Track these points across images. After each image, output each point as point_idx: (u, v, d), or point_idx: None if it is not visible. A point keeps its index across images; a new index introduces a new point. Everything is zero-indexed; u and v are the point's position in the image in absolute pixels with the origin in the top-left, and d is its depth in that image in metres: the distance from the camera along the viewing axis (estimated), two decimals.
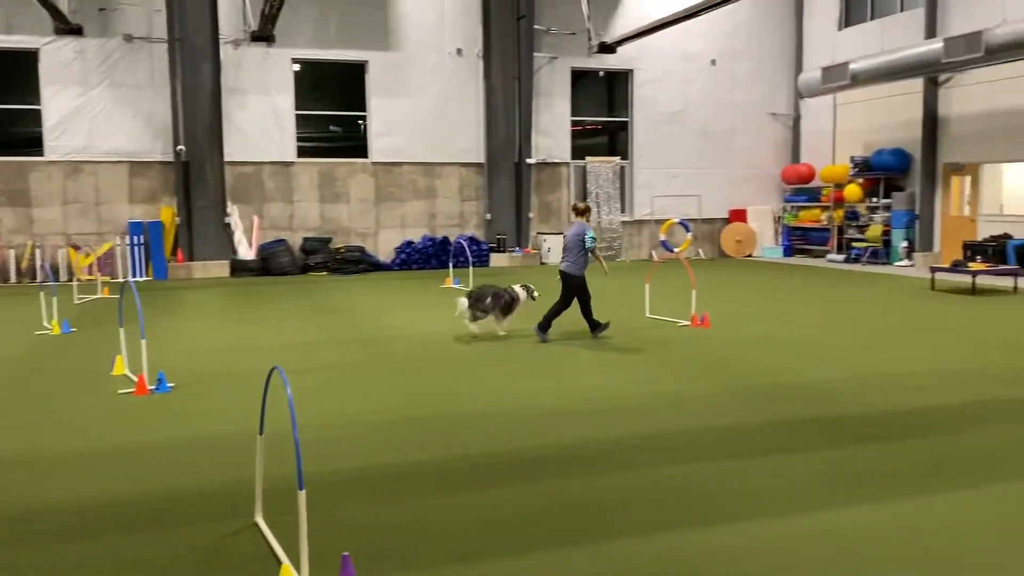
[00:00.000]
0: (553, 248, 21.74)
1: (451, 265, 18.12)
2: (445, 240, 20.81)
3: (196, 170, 18.75)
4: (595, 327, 10.21)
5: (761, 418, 6.42)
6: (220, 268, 19.01)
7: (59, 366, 8.78)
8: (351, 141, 20.94)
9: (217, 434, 6.18)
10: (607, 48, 20.29)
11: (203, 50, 18.44)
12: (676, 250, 21.66)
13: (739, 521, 4.38)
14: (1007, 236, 17.52)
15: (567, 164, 22.36)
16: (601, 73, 22.30)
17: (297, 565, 3.69)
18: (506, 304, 10.28)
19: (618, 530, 4.29)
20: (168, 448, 5.84)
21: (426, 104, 20.87)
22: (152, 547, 4.17)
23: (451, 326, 11.26)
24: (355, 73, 20.58)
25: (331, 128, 21.08)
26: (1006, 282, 15.44)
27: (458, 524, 4.41)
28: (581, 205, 10.33)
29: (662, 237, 21.90)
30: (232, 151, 19.39)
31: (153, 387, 7.55)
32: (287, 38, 19.53)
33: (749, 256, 23.48)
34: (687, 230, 21.75)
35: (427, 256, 20.62)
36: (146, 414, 6.77)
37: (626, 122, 22.95)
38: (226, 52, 19.17)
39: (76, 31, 17.81)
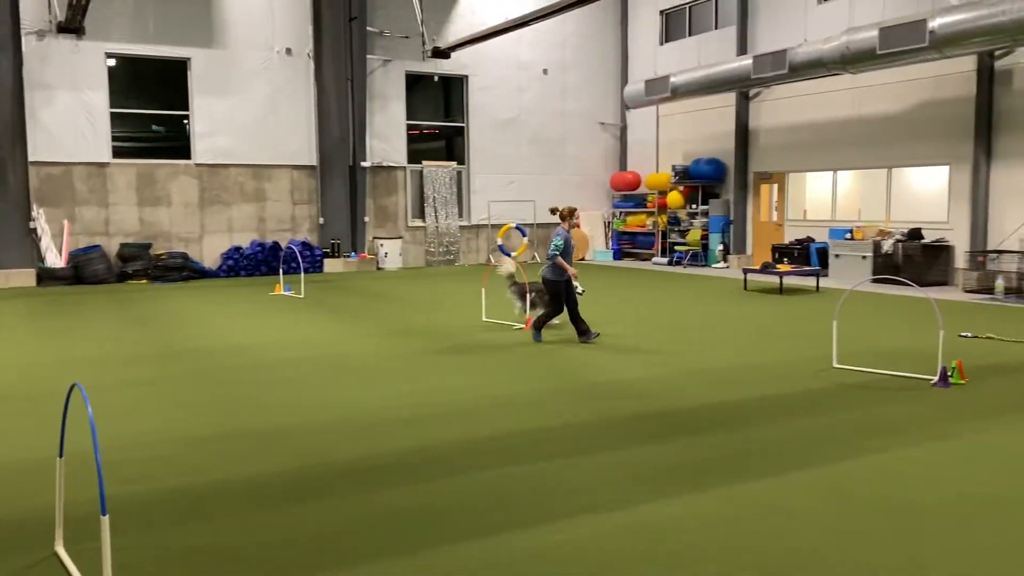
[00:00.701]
0: (390, 253, 21.57)
1: (282, 272, 17.57)
2: (276, 245, 20.15)
3: None
4: (583, 332, 10.02)
5: (585, 417, 6.63)
6: (25, 277, 17.50)
7: None
8: (174, 141, 19.85)
9: (11, 459, 5.66)
10: (441, 53, 20.39)
11: (1, 42, 16.92)
12: (513, 254, 22.04)
13: (561, 519, 4.50)
14: (810, 239, 19.07)
15: (403, 168, 22.26)
16: (436, 78, 22.36)
17: None
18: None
19: (444, 536, 4.29)
20: None
21: (254, 104, 20.15)
22: None
23: (280, 335, 10.91)
24: (177, 70, 19.54)
25: (153, 127, 19.89)
26: (809, 282, 16.80)
27: (278, 541, 4.26)
28: (564, 209, 9.95)
29: (499, 241, 22.20)
30: (37, 150, 17.93)
31: None
32: (100, 31, 18.29)
33: (582, 259, 24.27)
34: (523, 235, 22.18)
35: (256, 262, 19.89)
36: None
37: (462, 127, 23.13)
38: (29, 44, 17.69)
39: None
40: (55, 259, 17.95)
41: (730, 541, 4.19)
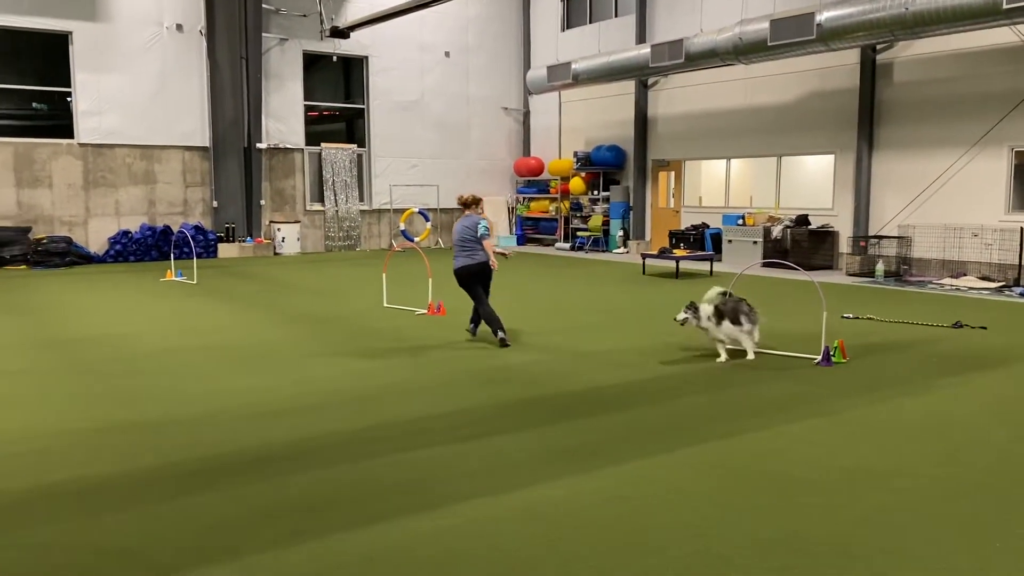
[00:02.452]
0: (288, 238, 21.08)
1: (172, 256, 16.93)
2: (167, 229, 19.38)
3: None
4: (478, 323, 9.54)
5: (479, 402, 6.65)
6: None
7: None
8: (55, 120, 18.79)
9: None
10: (340, 33, 19.96)
11: None
12: (416, 239, 21.87)
13: (456, 503, 4.49)
14: (705, 225, 19.63)
15: (301, 150, 21.74)
16: (335, 58, 21.87)
17: None
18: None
19: (333, 524, 4.22)
20: None
21: (143, 81, 19.27)
22: None
23: (169, 324, 10.52)
24: (57, 45, 18.47)
25: (35, 105, 18.76)
26: (704, 266, 17.31)
27: (161, 535, 4.10)
28: (468, 196, 9.44)
29: (402, 226, 22.00)
30: None
31: None
32: None
33: None
34: (426, 219, 22.04)
35: (146, 247, 19.10)
36: None
37: (363, 109, 22.74)
38: None
39: None
40: None
41: (618, 518, 4.28)
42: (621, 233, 21.84)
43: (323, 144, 22.02)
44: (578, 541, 4.02)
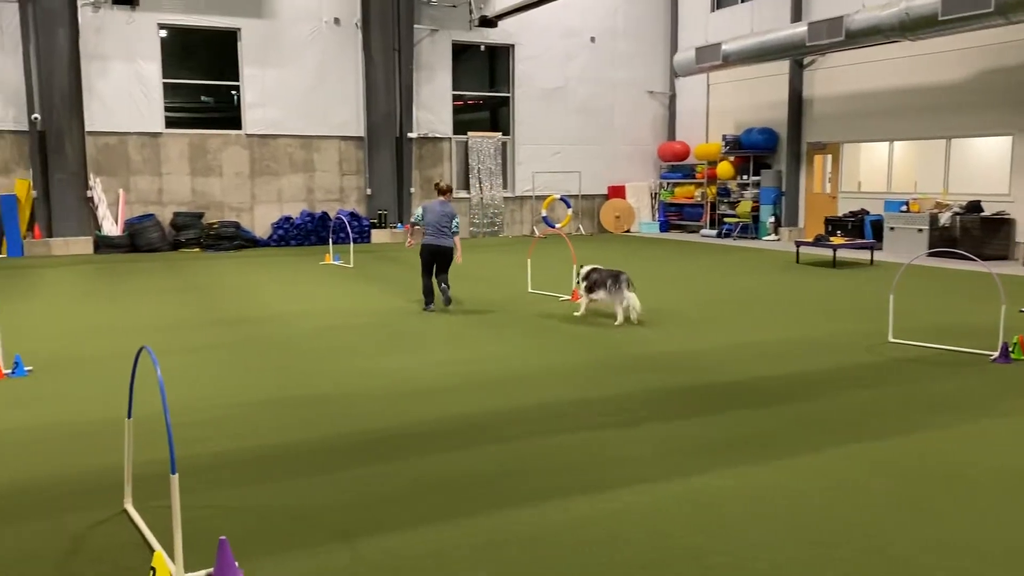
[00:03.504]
0: None
1: (331, 241, 17.76)
2: (324, 215, 20.36)
3: (54, 140, 17.57)
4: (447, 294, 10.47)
5: (632, 389, 6.62)
6: (83, 245, 17.96)
7: None
8: (224, 112, 20.10)
9: (79, 419, 5.85)
10: (488, 22, 20.26)
11: (59, 13, 17.25)
12: (557, 226, 21.98)
13: (615, 488, 4.51)
14: (864, 212, 18.66)
15: (449, 139, 22.25)
16: (483, 47, 22.23)
17: (170, 551, 3.55)
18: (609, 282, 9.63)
19: (495, 502, 4.34)
20: (26, 435, 5.49)
21: (303, 75, 20.27)
22: (8, 540, 3.92)
23: (329, 304, 11.06)
24: (227, 41, 19.72)
25: (203, 98, 20.15)
26: (863, 255, 16.47)
27: (335, 503, 4.35)
28: (445, 185, 10.65)
29: (543, 213, 22.15)
30: (94, 121, 18.30)
31: (9, 371, 7.07)
32: (152, 1, 18.51)
33: (628, 231, 24.10)
34: (568, 206, 22.10)
35: (306, 232, 20.13)
36: (2, 400, 6.34)
37: (507, 97, 23.01)
38: (85, 15, 17.99)
39: None
40: (111, 227, 18.38)
41: (789, 512, 4.17)
42: (772, 219, 21.10)
43: (469, 133, 22.45)
44: (746, 532, 3.95)
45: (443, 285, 10.41)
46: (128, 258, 17.29)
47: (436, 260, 10.33)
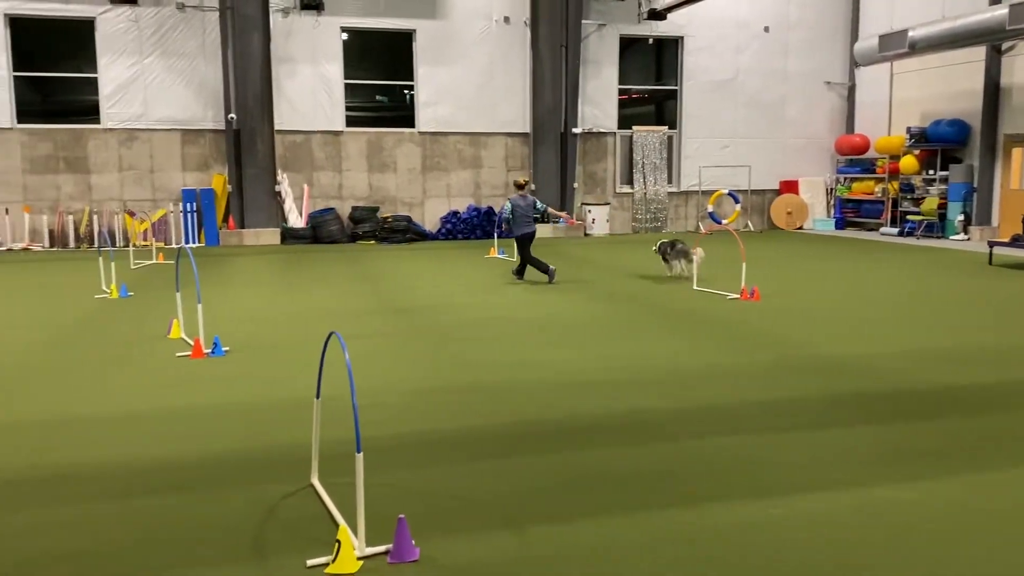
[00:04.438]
0: (598, 219, 21.68)
1: (496, 235, 18.17)
2: (490, 210, 20.86)
3: (247, 138, 19.01)
4: (523, 272, 12.79)
5: (804, 392, 6.39)
6: (271, 235, 19.33)
7: (118, 329, 9.06)
8: (397, 111, 21.01)
9: (271, 398, 6.34)
10: (657, 15, 20.02)
11: (253, 19, 18.60)
12: (724, 222, 21.42)
13: (784, 494, 4.39)
14: None
15: (613, 134, 22.18)
16: (651, 40, 21.98)
17: (353, 527, 3.80)
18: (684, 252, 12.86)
19: (661, 500, 4.33)
20: (224, 411, 6.02)
21: (473, 73, 20.83)
22: (209, 506, 4.33)
23: (495, 297, 11.34)
24: (402, 42, 20.59)
25: (377, 98, 21.16)
26: None
27: (504, 490, 4.49)
28: (521, 180, 12.72)
29: (710, 208, 21.64)
30: (282, 120, 19.62)
31: (209, 351, 7.76)
32: (336, 6, 19.61)
33: (800, 228, 23.13)
34: (736, 201, 21.47)
35: (472, 226, 20.70)
36: (203, 377, 6.98)
37: (675, 90, 22.64)
38: (276, 21, 19.31)
39: (131, 0, 18.08)
40: (296, 220, 19.67)
41: (970, 531, 3.91)
42: (961, 217, 19.60)
43: (634, 127, 22.28)
44: (922, 549, 3.74)
45: (535, 258, 12.59)
46: (310, 249, 18.45)
47: (530, 242, 12.58)
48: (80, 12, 18.41)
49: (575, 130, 21.31)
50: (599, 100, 21.83)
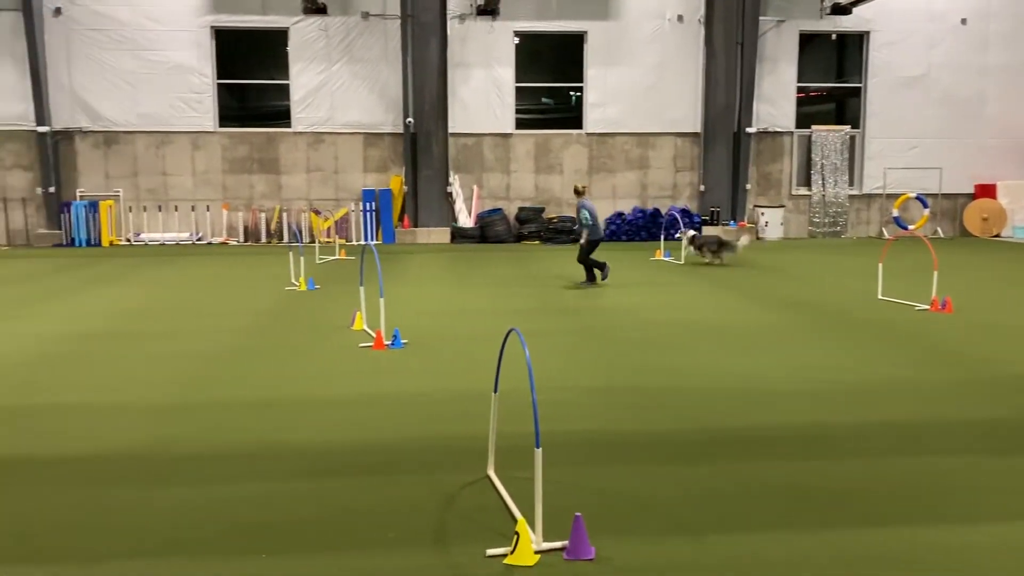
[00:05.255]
0: (771, 222, 20.91)
1: (662, 237, 17.91)
2: (656, 212, 20.60)
3: (423, 141, 19.77)
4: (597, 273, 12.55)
5: (1002, 412, 5.87)
6: (442, 234, 19.99)
7: (307, 319, 9.67)
8: (564, 113, 21.17)
9: (447, 390, 6.56)
10: (841, 9, 19.08)
11: (432, 26, 19.32)
12: (911, 227, 20.06)
13: (986, 520, 4.05)
14: None
15: (790, 133, 21.31)
16: (833, 36, 20.94)
17: (530, 520, 3.86)
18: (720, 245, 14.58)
19: (847, 518, 4.11)
20: (404, 400, 6.29)
21: (643, 73, 20.64)
22: (388, 490, 4.53)
23: (660, 299, 11.18)
24: (571, 44, 20.71)
25: (543, 100, 21.41)
26: None
27: (680, 495, 4.42)
28: (582, 186, 12.69)
29: (895, 213, 20.31)
30: (455, 123, 20.25)
31: (389, 343, 8.13)
32: (510, 10, 20.00)
33: (997, 236, 21.31)
34: (924, 206, 20.01)
35: (637, 228, 20.52)
36: (384, 367, 7.32)
37: (858, 88, 21.46)
38: (453, 27, 19.95)
39: (321, 10, 19.28)
40: (466, 220, 20.25)
41: None
42: None
43: (813, 126, 21.30)
44: None
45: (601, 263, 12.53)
46: (478, 248, 18.92)
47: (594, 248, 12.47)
48: (276, 23, 19.80)
49: (749, 130, 20.66)
50: (775, 98, 21.05)
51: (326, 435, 5.48)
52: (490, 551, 3.77)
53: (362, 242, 19.94)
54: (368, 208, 20.15)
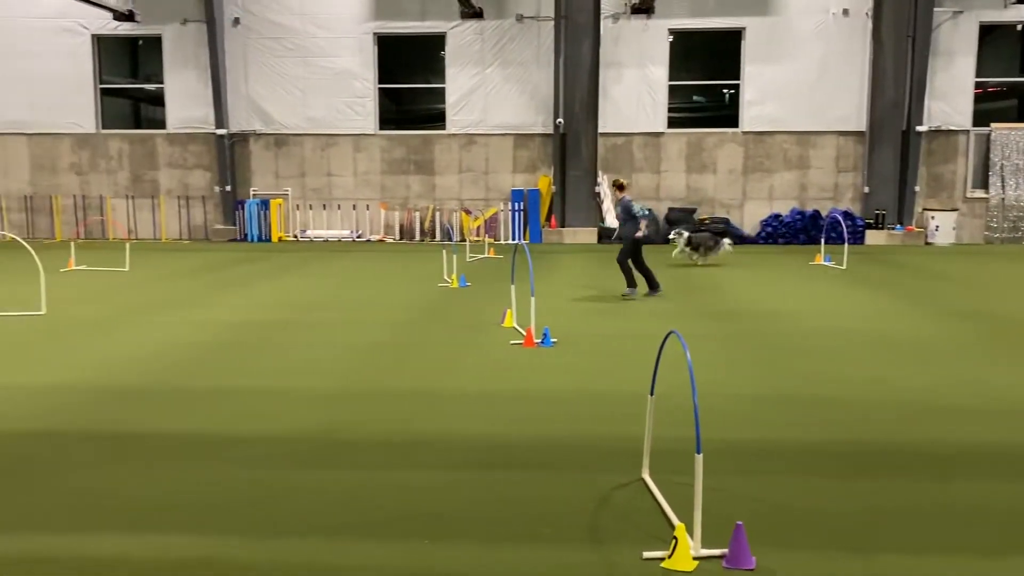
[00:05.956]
0: (942, 227, 19.57)
1: (823, 241, 17.13)
2: (816, 214, 19.73)
3: (572, 142, 19.82)
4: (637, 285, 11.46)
5: None
6: (588, 235, 19.98)
7: (459, 315, 9.93)
8: (718, 111, 20.65)
9: (598, 389, 6.56)
10: None
11: (585, 26, 19.33)
12: None
13: None
14: None
15: (966, 132, 19.86)
16: (1019, 27, 19.34)
17: (689, 526, 3.79)
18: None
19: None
20: (556, 398, 6.33)
21: (804, 69, 19.82)
22: (542, 486, 4.57)
23: (820, 306, 10.70)
24: (728, 41, 20.16)
25: (694, 98, 20.97)
26: None
27: (848, 511, 4.22)
28: (625, 180, 11.56)
29: None
30: (605, 123, 20.17)
31: (539, 341, 8.21)
32: (665, 8, 19.73)
33: None
34: None
35: (795, 231, 19.74)
36: (535, 365, 7.40)
37: None
38: (606, 27, 19.89)
39: (477, 14, 19.71)
40: (613, 220, 20.09)
41: None
42: None
43: (992, 124, 19.75)
44: None
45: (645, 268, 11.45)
46: None
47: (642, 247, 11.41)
48: (434, 28, 20.41)
49: (919, 128, 19.42)
50: (950, 94, 19.67)
51: (481, 429, 5.60)
52: (647, 554, 3.73)
53: (510, 241, 20.23)
54: (516, 208, 20.42)
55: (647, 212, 11.74)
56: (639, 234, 11.12)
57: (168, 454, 5.13)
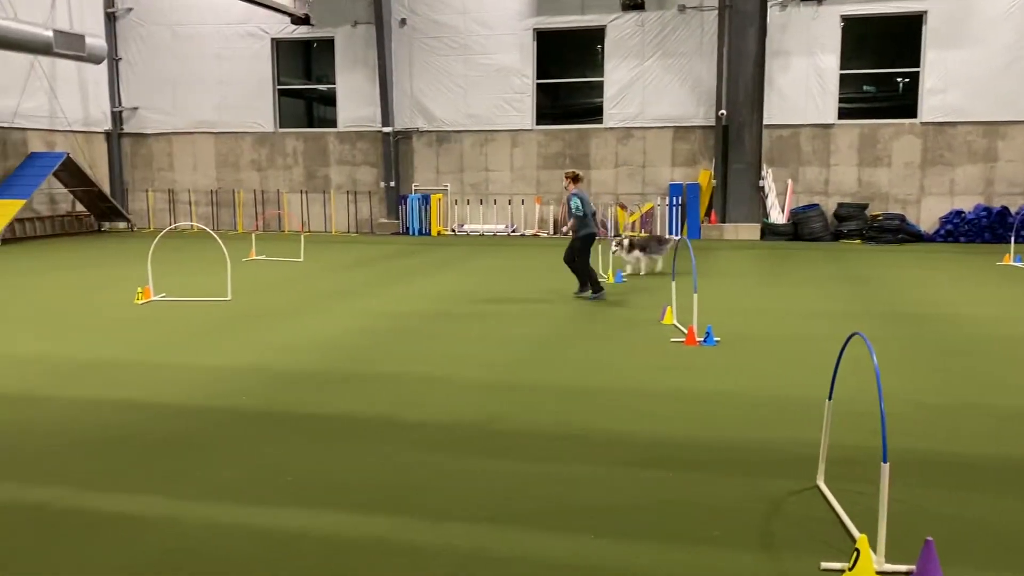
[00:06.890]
0: None
1: (1013, 240, 15.74)
2: (1004, 210, 18.15)
3: (735, 134, 19.21)
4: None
5: None
6: (750, 231, 19.32)
7: (617, 311, 9.85)
8: (892, 101, 19.39)
9: (764, 391, 6.31)
10: None
11: (751, 15, 18.67)
12: None
13: None
14: None
15: None
16: None
17: (871, 538, 3.58)
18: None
19: None
20: (720, 398, 6.15)
21: (993, 54, 18.26)
22: (709, 487, 4.45)
23: (1013, 311, 9.83)
24: (905, 26, 18.88)
25: (865, 88, 19.78)
26: None
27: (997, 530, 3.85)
28: (579, 172, 10.99)
29: None
30: (771, 114, 19.41)
31: (701, 339, 8.01)
32: None
33: None
34: None
35: (979, 228, 18.25)
36: (697, 364, 7.22)
37: None
38: (773, 15, 19.12)
39: (639, 6, 19.47)
40: (777, 216, 19.37)
41: None
42: None
43: None
44: None
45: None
46: (790, 246, 18.01)
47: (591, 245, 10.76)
48: (594, 21, 20.33)
49: None
50: None
51: (644, 426, 5.52)
52: (825, 564, 3.55)
53: (667, 236, 19.87)
54: (674, 202, 20.03)
55: (584, 211, 10.67)
56: (588, 232, 10.71)
57: (342, 435, 5.38)
